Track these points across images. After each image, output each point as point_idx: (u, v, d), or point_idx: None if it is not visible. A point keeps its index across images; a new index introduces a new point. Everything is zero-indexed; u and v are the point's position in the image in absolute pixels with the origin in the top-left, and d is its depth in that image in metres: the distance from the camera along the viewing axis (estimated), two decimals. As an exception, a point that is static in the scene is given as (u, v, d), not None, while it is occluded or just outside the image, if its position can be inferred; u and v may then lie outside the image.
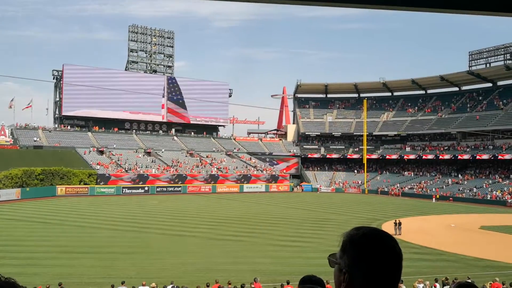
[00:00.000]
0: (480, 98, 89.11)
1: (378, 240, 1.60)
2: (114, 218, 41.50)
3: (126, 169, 74.25)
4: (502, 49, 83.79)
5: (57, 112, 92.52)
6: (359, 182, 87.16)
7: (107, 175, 70.22)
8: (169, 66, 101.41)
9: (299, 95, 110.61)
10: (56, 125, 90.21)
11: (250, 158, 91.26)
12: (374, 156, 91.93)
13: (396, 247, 1.60)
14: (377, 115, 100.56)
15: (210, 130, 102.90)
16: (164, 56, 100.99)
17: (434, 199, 67.56)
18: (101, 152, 79.94)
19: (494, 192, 66.95)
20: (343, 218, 44.56)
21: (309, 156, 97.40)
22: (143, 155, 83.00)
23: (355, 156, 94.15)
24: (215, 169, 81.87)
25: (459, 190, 71.57)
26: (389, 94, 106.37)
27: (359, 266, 1.57)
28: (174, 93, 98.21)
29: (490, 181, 72.47)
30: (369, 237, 1.61)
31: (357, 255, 1.58)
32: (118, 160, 77.10)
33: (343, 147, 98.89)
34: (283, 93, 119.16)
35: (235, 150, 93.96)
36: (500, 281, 17.70)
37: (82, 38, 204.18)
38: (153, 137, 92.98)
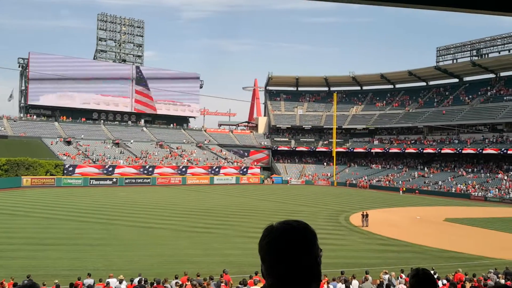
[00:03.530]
0: (447, 93, 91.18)
1: (268, 232, 1.68)
2: (81, 210, 40.81)
3: (94, 160, 73.06)
4: (469, 46, 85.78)
5: (22, 101, 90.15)
6: (328, 175, 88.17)
7: (74, 165, 68.96)
8: (139, 56, 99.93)
9: (270, 88, 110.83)
10: (22, 115, 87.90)
11: (221, 150, 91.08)
12: (343, 149, 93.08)
13: (286, 239, 1.63)
14: (347, 108, 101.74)
15: (181, 121, 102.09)
16: (134, 45, 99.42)
17: (401, 191, 68.95)
18: (68, 143, 78.40)
19: (459, 185, 68.80)
20: (312, 210, 45.05)
21: (280, 148, 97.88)
22: (111, 146, 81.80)
23: (325, 149, 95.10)
24: (185, 160, 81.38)
25: (425, 183, 73.25)
26: (359, 88, 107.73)
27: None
28: (144, 83, 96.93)
29: (455, 174, 74.43)
30: (264, 230, 1.70)
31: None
32: (86, 151, 75.76)
33: (313, 140, 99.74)
34: (254, 86, 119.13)
35: (205, 142, 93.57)
36: (463, 271, 18.23)
37: (49, 26, 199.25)
38: (122, 128, 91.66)
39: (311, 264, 1.61)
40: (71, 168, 68.46)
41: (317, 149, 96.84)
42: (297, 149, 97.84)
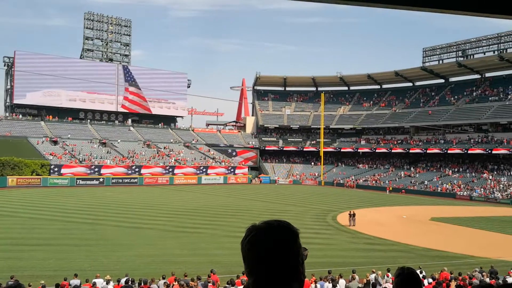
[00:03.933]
0: (433, 93, 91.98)
1: (250, 231, 1.70)
2: (67, 210, 40.48)
3: (81, 159, 72.48)
4: (455, 46, 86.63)
5: (8, 100, 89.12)
6: (316, 174, 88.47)
7: (61, 165, 68.36)
8: (126, 55, 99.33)
9: (258, 88, 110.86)
10: (7, 114, 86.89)
11: (209, 149, 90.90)
12: (330, 149, 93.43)
13: (264, 240, 1.64)
14: (334, 108, 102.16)
15: (168, 121, 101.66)
16: (121, 44, 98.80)
17: (387, 191, 69.40)
18: (55, 142, 77.69)
19: (444, 184, 69.45)
20: (300, 210, 45.18)
21: (268, 148, 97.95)
22: (98, 146, 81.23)
23: (312, 148, 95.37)
24: (173, 160, 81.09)
25: (411, 182, 73.83)
26: (346, 88, 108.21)
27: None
28: (130, 83, 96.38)
29: (441, 174, 75.12)
30: (246, 230, 1.72)
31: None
32: (72, 151, 75.13)
33: (301, 139, 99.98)
34: (242, 85, 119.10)
35: (193, 142, 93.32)
36: (448, 270, 18.42)
37: (35, 25, 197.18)
38: (109, 127, 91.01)
39: (292, 264, 1.62)
40: (57, 168, 67.85)
41: (304, 149, 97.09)
42: (284, 149, 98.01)
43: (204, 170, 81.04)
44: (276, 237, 1.64)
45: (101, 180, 70.06)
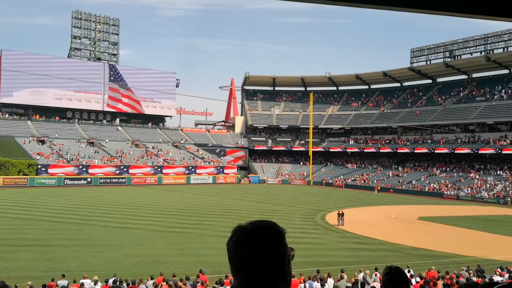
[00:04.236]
0: (420, 94, 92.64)
1: (235, 232, 1.69)
2: (55, 210, 40.15)
3: (68, 159, 71.92)
4: (442, 47, 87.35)
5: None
6: (305, 174, 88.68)
7: (48, 165, 67.78)
8: (114, 54, 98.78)
9: (247, 87, 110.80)
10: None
11: (198, 149, 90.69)
12: (319, 149, 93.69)
13: (248, 240, 1.63)
14: (323, 108, 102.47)
15: (157, 120, 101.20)
16: (109, 43, 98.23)
17: (376, 190, 69.77)
18: (42, 142, 76.99)
19: (432, 184, 70.00)
20: (289, 209, 45.25)
21: (257, 148, 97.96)
22: (86, 145, 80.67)
23: (301, 148, 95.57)
24: (161, 160, 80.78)
25: (399, 182, 74.31)
26: (335, 88, 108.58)
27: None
28: (118, 82, 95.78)
29: (428, 173, 75.70)
30: (232, 231, 1.72)
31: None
32: (60, 150, 74.52)
33: (290, 139, 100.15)
34: (231, 85, 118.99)
35: (182, 141, 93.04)
36: (436, 269, 18.57)
37: (22, 23, 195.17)
38: (97, 127, 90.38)
39: (278, 264, 1.61)
40: (44, 168, 67.28)
41: (293, 149, 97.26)
42: (273, 148, 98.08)
43: (193, 170, 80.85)
44: (262, 237, 1.63)
45: (89, 180, 69.59)
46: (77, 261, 22.31)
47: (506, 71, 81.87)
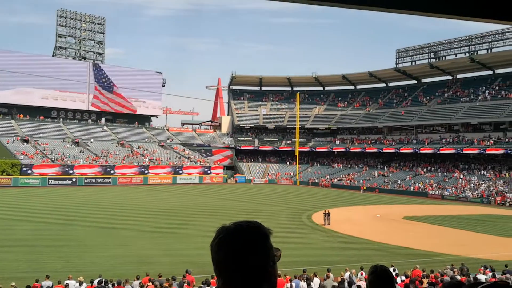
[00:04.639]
0: (406, 94, 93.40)
1: (219, 233, 1.66)
2: (39, 210, 39.71)
3: (53, 159, 71.18)
4: (427, 48, 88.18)
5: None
6: (291, 174, 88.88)
7: (32, 165, 67.01)
8: (100, 53, 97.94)
9: (234, 87, 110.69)
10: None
11: (184, 149, 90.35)
12: (305, 149, 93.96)
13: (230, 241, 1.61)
14: (309, 108, 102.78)
15: (142, 120, 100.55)
16: (94, 42, 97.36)
17: (362, 190, 70.17)
18: (26, 141, 76.08)
19: (417, 184, 70.62)
20: (275, 209, 45.31)
21: (243, 147, 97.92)
22: (71, 145, 79.91)
23: (288, 148, 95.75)
24: (147, 160, 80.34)
25: (384, 182, 74.83)
26: (321, 88, 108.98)
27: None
28: (103, 81, 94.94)
29: (413, 173, 76.36)
30: (216, 232, 1.69)
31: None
32: (44, 150, 73.71)
33: (276, 139, 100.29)
34: (218, 85, 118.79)
35: (168, 141, 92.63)
36: (421, 268, 18.73)
37: (5, 21, 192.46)
38: (82, 127, 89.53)
39: (260, 265, 1.60)
40: (28, 168, 66.50)
41: (280, 149, 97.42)
42: (260, 148, 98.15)
43: (179, 169, 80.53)
44: (245, 238, 1.61)
45: (73, 180, 68.96)
46: (62, 261, 22.09)
47: (490, 72, 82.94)
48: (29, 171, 66.38)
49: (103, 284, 15.93)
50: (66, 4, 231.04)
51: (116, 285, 15.87)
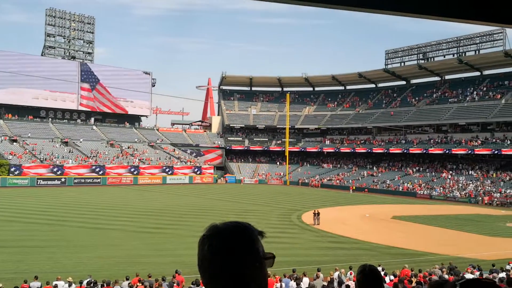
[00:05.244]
0: (395, 95, 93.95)
1: (205, 234, 1.63)
2: (27, 211, 39.39)
3: (42, 159, 70.62)
4: (416, 49, 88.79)
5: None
6: (281, 174, 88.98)
7: (20, 165, 66.41)
8: (89, 53, 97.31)
9: (224, 87, 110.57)
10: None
11: (174, 149, 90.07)
12: (295, 149, 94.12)
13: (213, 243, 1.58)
14: (299, 109, 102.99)
15: (132, 120, 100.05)
16: (84, 42, 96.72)
17: (351, 190, 70.44)
18: (14, 141, 75.40)
19: (406, 184, 71.05)
20: (265, 209, 45.34)
21: (233, 148, 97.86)
22: (60, 145, 79.33)
23: (278, 148, 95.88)
24: (137, 160, 79.99)
25: (373, 182, 75.21)
26: (311, 89, 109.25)
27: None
28: (91, 81, 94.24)
29: (402, 173, 76.82)
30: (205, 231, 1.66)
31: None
32: (33, 150, 73.11)
33: (267, 139, 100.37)
34: (208, 85, 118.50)
35: (158, 141, 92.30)
36: (409, 267, 18.87)
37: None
38: (71, 126, 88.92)
39: (245, 265, 1.56)
40: (16, 168, 65.91)
41: (270, 149, 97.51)
42: (250, 148, 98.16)
43: (169, 170, 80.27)
44: (231, 237, 1.58)
45: (63, 180, 68.47)
46: (51, 262, 21.95)
47: (478, 73, 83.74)
48: (18, 171, 65.79)
49: (92, 284, 15.85)
50: (55, 3, 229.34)
51: (105, 285, 15.80)
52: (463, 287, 1.65)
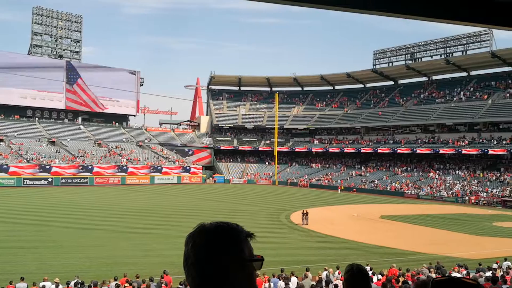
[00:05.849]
0: (383, 95, 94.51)
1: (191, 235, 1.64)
2: (14, 211, 38.95)
3: (28, 159, 69.91)
4: (404, 50, 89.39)
5: None
6: (270, 174, 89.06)
7: (6, 165, 65.68)
8: (76, 52, 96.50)
9: (212, 87, 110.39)
10: None
11: (162, 149, 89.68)
12: (284, 149, 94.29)
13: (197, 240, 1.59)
14: (288, 109, 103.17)
15: (120, 119, 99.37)
16: (71, 41, 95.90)
17: (339, 190, 70.71)
18: (0, 141, 74.55)
19: (393, 183, 71.51)
20: (254, 209, 45.34)
21: (222, 147, 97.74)
22: (47, 145, 78.59)
23: (267, 148, 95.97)
24: (125, 160, 79.52)
25: (362, 181, 75.58)
26: (300, 89, 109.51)
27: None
28: (79, 79, 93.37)
29: (390, 173, 77.31)
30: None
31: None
32: (19, 150, 72.35)
33: (255, 139, 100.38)
34: (196, 84, 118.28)
35: (146, 141, 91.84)
36: (397, 267, 18.97)
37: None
38: (58, 126, 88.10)
39: (224, 266, 1.55)
40: (3, 168, 65.15)
41: (259, 149, 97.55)
42: (239, 148, 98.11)
43: (157, 169, 79.90)
44: (213, 237, 1.58)
45: (49, 180, 67.85)
46: (37, 263, 21.72)
47: (465, 74, 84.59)
48: (4, 171, 65.06)
49: (79, 285, 15.71)
50: (42, 1, 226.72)
51: (92, 286, 15.67)
52: (435, 286, 1.67)
